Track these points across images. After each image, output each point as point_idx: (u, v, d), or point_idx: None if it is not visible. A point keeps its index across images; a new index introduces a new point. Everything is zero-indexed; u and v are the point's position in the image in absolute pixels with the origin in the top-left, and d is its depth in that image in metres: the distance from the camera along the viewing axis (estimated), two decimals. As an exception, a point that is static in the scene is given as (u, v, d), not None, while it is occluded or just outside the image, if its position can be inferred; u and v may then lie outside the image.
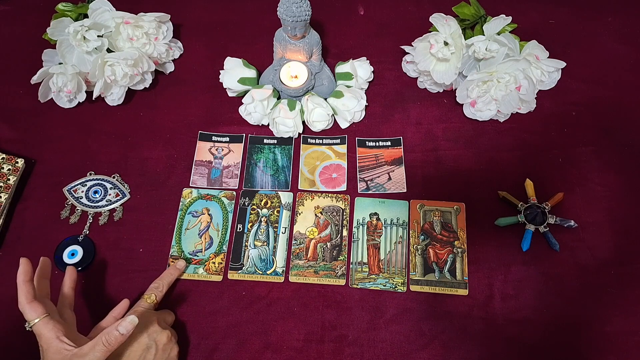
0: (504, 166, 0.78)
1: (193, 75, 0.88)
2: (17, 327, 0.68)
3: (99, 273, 0.72)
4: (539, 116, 0.82)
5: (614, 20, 0.92)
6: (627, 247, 0.72)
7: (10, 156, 0.77)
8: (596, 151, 0.79)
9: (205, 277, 0.71)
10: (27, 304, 0.56)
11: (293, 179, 0.78)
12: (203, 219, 0.75)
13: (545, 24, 0.91)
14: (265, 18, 0.91)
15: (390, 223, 0.74)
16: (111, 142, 0.82)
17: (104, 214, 0.76)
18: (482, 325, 0.67)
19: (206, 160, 0.80)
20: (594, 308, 0.68)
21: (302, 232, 0.74)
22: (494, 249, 0.72)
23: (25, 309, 0.56)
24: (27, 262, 0.59)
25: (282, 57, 0.81)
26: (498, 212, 0.74)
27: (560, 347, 0.66)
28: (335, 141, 0.81)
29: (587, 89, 0.84)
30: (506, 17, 0.75)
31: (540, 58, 0.79)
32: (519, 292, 0.69)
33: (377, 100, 0.85)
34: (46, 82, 0.80)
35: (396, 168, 0.79)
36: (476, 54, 0.76)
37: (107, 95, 0.83)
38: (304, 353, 0.66)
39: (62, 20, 0.79)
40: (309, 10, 0.72)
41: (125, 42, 0.82)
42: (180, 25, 0.92)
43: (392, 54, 0.88)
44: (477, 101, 0.78)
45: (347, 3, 0.96)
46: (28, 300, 0.56)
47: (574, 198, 0.75)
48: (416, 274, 0.71)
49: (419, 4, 0.94)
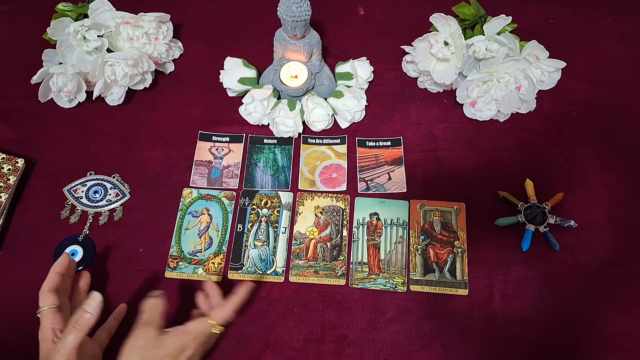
0: (504, 166, 0.78)
1: (193, 75, 0.88)
2: (17, 327, 0.68)
3: (99, 273, 0.72)
4: (539, 116, 0.82)
5: (614, 20, 0.92)
6: (627, 247, 0.72)
7: (10, 156, 0.77)
8: (596, 151, 0.79)
9: (204, 277, 0.71)
10: (45, 291, 0.58)
11: (293, 179, 0.78)
12: (203, 219, 0.75)
13: (545, 24, 0.91)
14: (265, 18, 0.91)
15: (390, 223, 0.74)
16: (111, 142, 0.82)
17: (104, 214, 0.76)
18: (482, 325, 0.67)
19: (206, 160, 0.80)
20: (594, 308, 0.68)
21: (302, 232, 0.74)
22: (494, 249, 0.72)
23: (41, 295, 0.58)
24: (66, 258, 0.61)
25: (282, 57, 0.81)
26: (498, 212, 0.74)
27: (560, 347, 0.66)
28: (335, 141, 0.81)
29: (587, 89, 0.84)
30: (506, 17, 0.75)
31: (540, 58, 0.79)
32: (519, 292, 0.69)
33: (377, 100, 0.85)
34: (46, 82, 0.80)
35: (396, 168, 0.79)
36: (476, 54, 0.76)
37: (107, 95, 0.83)
38: (304, 353, 0.66)
39: (62, 20, 0.79)
40: (309, 10, 0.72)
41: (125, 42, 0.82)
42: (180, 25, 0.92)
43: (392, 54, 0.88)
44: (477, 101, 0.78)
45: (347, 3, 0.96)
46: (47, 288, 0.58)
47: (574, 198, 0.75)
48: (416, 274, 0.71)
49: (419, 4, 0.94)
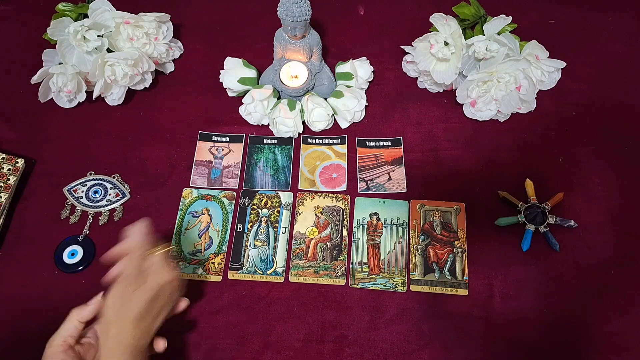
0: (504, 166, 0.78)
1: (193, 75, 0.88)
2: (18, 327, 0.68)
3: (99, 273, 0.71)
4: (539, 116, 0.82)
5: (615, 20, 0.92)
6: (627, 247, 0.72)
7: (10, 156, 0.77)
8: (596, 151, 0.79)
9: (204, 277, 0.71)
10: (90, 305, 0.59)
11: (293, 179, 0.78)
12: (203, 219, 0.75)
13: (545, 24, 0.91)
14: (265, 18, 0.91)
15: (391, 223, 0.74)
16: (111, 142, 0.82)
17: (104, 214, 0.76)
18: (482, 325, 0.67)
19: (206, 160, 0.80)
20: (594, 308, 0.68)
21: (302, 232, 0.74)
22: (494, 249, 0.72)
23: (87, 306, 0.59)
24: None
25: (282, 57, 0.81)
26: (498, 212, 0.74)
27: (560, 347, 0.66)
28: (335, 141, 0.81)
29: (587, 89, 0.84)
30: (506, 17, 0.75)
31: (540, 58, 0.79)
32: (519, 292, 0.69)
33: (377, 100, 0.85)
34: (46, 82, 0.80)
35: (396, 168, 0.79)
36: (476, 54, 0.76)
37: (107, 95, 0.83)
38: (304, 353, 0.66)
39: (62, 20, 0.79)
40: (309, 10, 0.72)
41: (125, 42, 0.82)
42: (180, 25, 0.92)
43: (392, 54, 0.88)
44: (477, 101, 0.78)
45: (347, 3, 0.96)
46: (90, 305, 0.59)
47: (574, 198, 0.75)
48: (416, 274, 0.71)
49: (419, 4, 0.94)
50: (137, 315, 0.55)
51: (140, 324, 0.55)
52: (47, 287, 0.70)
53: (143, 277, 0.57)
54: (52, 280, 0.71)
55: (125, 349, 0.54)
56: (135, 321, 0.55)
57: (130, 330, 0.54)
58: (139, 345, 0.55)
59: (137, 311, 0.55)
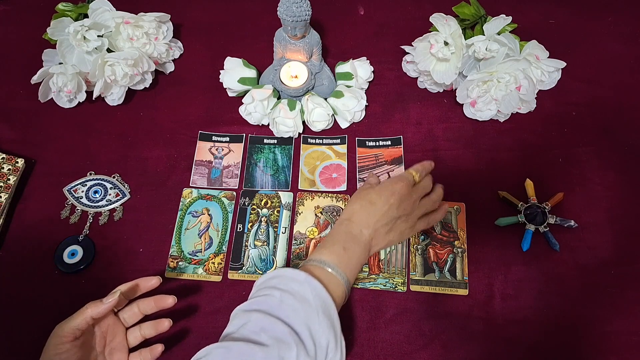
0: (504, 166, 0.78)
1: (193, 75, 0.88)
2: (18, 327, 0.68)
3: (99, 273, 0.72)
4: (539, 116, 0.82)
5: (614, 20, 0.92)
6: (627, 247, 0.72)
7: (10, 156, 0.77)
8: (596, 151, 0.79)
9: (204, 277, 0.71)
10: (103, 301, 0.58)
11: (293, 179, 0.78)
12: (203, 219, 0.75)
13: (545, 24, 0.91)
14: (265, 18, 0.91)
15: (390, 223, 0.74)
16: (111, 142, 0.82)
17: (104, 214, 0.76)
18: (482, 325, 0.67)
19: (206, 160, 0.80)
20: (594, 308, 0.68)
21: (302, 232, 0.74)
22: (494, 249, 0.72)
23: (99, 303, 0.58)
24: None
25: (282, 57, 0.81)
26: (498, 212, 0.74)
27: (560, 347, 0.66)
28: (335, 141, 0.81)
29: (587, 89, 0.84)
30: (506, 17, 0.75)
31: (540, 58, 0.79)
32: (519, 292, 0.69)
33: (377, 100, 0.85)
34: (46, 82, 0.80)
35: (396, 168, 0.79)
36: (476, 54, 0.76)
37: (107, 95, 0.83)
38: (304, 353, 0.66)
39: (62, 20, 0.79)
40: (309, 10, 0.72)
41: (125, 42, 0.82)
42: (180, 25, 0.92)
43: (392, 54, 0.88)
44: (477, 101, 0.78)
45: (347, 3, 0.96)
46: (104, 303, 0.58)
47: (574, 198, 0.75)
48: (416, 274, 0.71)
49: (419, 4, 0.94)
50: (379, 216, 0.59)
51: (376, 226, 0.59)
52: (47, 287, 0.70)
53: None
54: (52, 280, 0.71)
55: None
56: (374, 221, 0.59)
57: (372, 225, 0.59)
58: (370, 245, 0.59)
59: (380, 210, 0.59)
